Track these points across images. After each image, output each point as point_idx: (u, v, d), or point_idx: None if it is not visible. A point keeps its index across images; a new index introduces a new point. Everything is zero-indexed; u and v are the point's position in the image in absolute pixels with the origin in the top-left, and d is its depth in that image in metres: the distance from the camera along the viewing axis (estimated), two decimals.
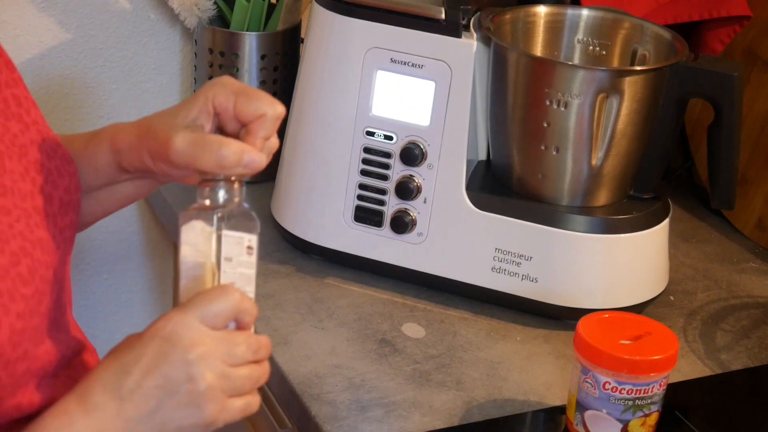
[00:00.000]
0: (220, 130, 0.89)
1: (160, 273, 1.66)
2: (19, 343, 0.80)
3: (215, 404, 0.78)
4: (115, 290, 1.64)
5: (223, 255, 0.83)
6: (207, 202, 0.85)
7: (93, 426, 0.76)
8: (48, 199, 0.87)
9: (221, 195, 0.85)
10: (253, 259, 0.85)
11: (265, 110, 0.86)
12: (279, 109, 0.87)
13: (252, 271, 0.84)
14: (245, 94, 0.87)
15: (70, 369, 0.91)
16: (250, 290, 0.84)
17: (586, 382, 0.99)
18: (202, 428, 0.79)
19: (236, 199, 0.86)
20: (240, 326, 0.81)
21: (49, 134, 0.90)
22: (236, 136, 0.87)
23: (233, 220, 0.84)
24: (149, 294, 1.68)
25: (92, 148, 0.96)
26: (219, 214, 0.83)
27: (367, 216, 1.24)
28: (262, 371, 0.82)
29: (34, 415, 0.82)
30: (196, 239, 0.82)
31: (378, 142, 1.22)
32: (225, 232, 0.83)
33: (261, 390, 0.85)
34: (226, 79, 0.88)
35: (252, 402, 0.81)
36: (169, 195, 1.43)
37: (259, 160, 0.84)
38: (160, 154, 0.88)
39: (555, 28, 1.27)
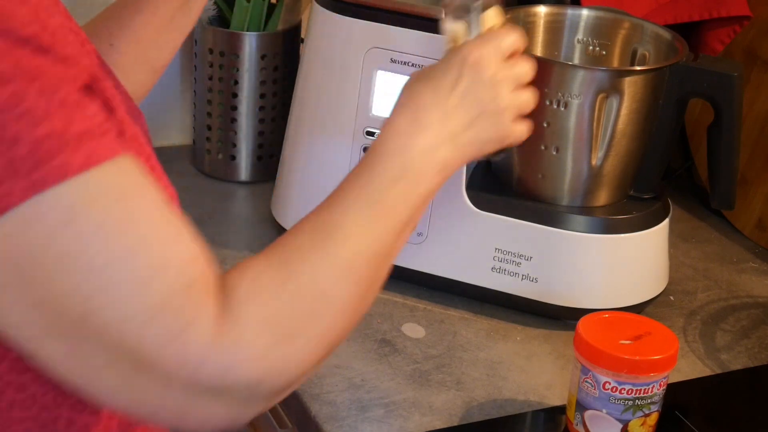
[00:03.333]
0: None
1: None
2: None
3: (509, 122, 0.93)
4: None
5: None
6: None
7: (427, 140, 0.87)
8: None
9: None
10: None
11: None
12: None
13: None
14: None
15: None
16: None
17: (586, 382, 0.99)
18: (498, 143, 0.93)
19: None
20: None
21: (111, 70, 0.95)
22: None
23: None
24: None
25: None
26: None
27: None
28: (533, 94, 0.95)
29: None
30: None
31: None
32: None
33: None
34: None
35: (528, 126, 0.95)
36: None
37: None
38: None
39: (555, 28, 1.27)
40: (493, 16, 0.96)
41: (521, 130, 0.94)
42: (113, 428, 0.82)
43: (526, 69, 0.94)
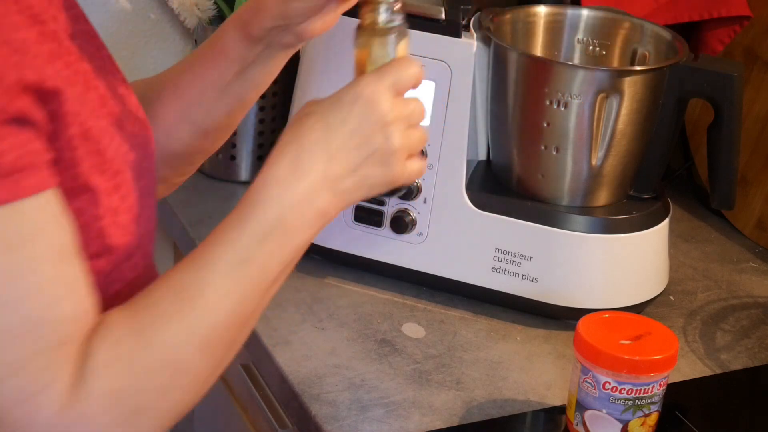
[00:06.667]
0: None
1: (161, 272, 1.66)
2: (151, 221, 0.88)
3: (401, 163, 0.86)
4: None
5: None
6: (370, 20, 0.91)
7: (306, 188, 0.83)
8: (147, 141, 0.90)
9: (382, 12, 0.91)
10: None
11: None
12: None
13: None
14: None
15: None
16: None
17: (586, 382, 0.99)
18: (387, 186, 0.87)
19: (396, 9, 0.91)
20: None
21: (131, 91, 0.93)
22: None
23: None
24: None
25: (216, 40, 1.00)
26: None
27: (367, 216, 1.24)
28: (426, 134, 0.90)
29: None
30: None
31: None
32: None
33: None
34: None
35: (422, 165, 0.90)
36: (169, 196, 1.43)
37: None
38: None
39: (555, 28, 1.27)
40: (404, 47, 0.90)
41: (414, 171, 0.89)
42: None
43: (420, 107, 0.89)
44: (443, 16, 1.17)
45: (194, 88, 1.01)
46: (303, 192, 0.82)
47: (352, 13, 1.21)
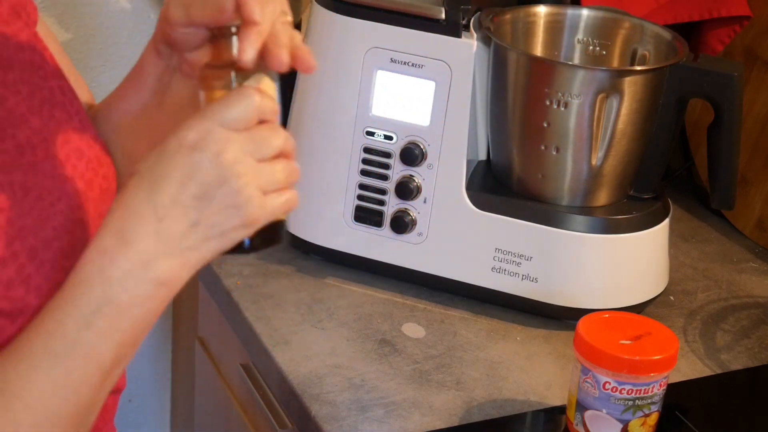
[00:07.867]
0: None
1: None
2: None
3: (254, 202, 0.76)
4: None
5: None
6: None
7: (135, 257, 0.74)
8: (89, 185, 0.87)
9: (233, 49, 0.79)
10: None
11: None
12: None
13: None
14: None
15: None
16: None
17: (586, 382, 0.99)
18: (245, 229, 0.77)
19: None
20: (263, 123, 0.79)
21: (89, 125, 0.91)
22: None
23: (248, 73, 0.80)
24: None
25: (141, 57, 0.94)
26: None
27: (367, 216, 1.24)
28: (294, 165, 0.79)
29: None
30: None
31: (378, 142, 1.22)
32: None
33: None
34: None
35: (291, 198, 0.79)
36: None
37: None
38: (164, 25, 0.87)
39: (555, 28, 1.27)
40: (267, 83, 0.80)
41: (277, 205, 0.78)
42: None
43: (271, 139, 0.77)
44: (443, 16, 1.17)
45: (119, 108, 0.96)
46: (132, 262, 0.74)
47: (347, 12, 1.21)
